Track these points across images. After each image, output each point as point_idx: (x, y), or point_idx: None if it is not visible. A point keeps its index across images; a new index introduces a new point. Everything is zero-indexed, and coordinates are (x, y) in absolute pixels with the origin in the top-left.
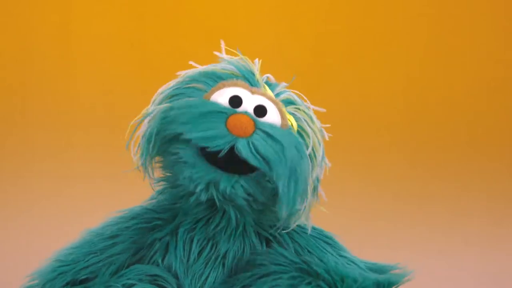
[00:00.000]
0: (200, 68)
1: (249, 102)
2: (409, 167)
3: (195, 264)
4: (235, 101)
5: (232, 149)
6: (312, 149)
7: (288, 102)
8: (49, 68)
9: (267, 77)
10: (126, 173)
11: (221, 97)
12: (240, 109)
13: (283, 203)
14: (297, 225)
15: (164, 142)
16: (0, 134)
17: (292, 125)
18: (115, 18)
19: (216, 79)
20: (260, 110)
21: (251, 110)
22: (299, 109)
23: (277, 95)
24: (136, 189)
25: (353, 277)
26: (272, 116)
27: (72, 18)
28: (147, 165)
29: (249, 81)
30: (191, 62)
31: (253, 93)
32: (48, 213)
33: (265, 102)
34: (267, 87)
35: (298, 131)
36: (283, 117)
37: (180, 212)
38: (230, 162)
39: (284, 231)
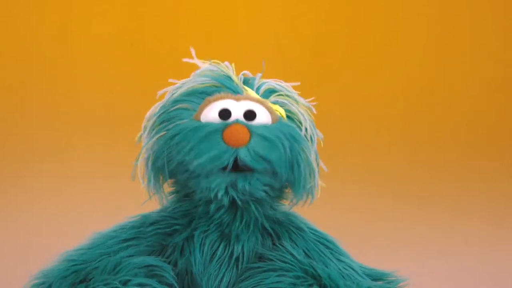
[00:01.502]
0: (180, 84)
1: (237, 110)
2: (409, 167)
3: (210, 265)
4: (224, 113)
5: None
6: (305, 129)
7: (270, 92)
8: (49, 68)
9: (243, 74)
10: (125, 173)
11: (211, 113)
12: (231, 119)
13: (296, 189)
14: (296, 228)
15: (172, 168)
16: (0, 134)
17: (281, 114)
18: (115, 18)
19: (199, 95)
20: (250, 115)
21: (241, 117)
22: (281, 94)
23: (257, 89)
24: (136, 189)
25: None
26: (262, 116)
27: (72, 18)
28: (160, 192)
29: (229, 88)
30: (170, 80)
31: (238, 100)
32: (48, 213)
33: (252, 105)
34: (247, 88)
35: (287, 116)
36: (271, 112)
37: (196, 217)
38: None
39: (286, 230)
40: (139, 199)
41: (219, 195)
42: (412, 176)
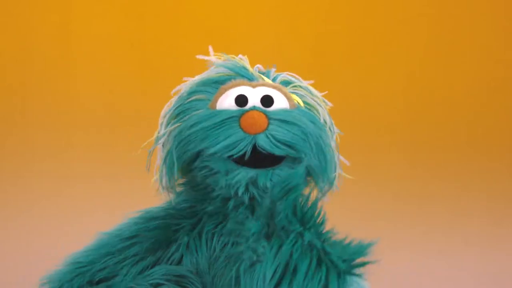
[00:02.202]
0: (195, 78)
1: (254, 96)
2: (409, 167)
3: (217, 262)
4: (241, 100)
5: (255, 145)
6: (324, 119)
7: (286, 83)
8: (49, 68)
9: (258, 68)
10: (125, 173)
11: (226, 100)
12: (248, 106)
13: (319, 177)
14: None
15: (186, 163)
16: (0, 134)
17: (298, 103)
18: (115, 18)
19: (214, 85)
20: (267, 100)
21: (258, 103)
22: (296, 86)
23: (273, 79)
24: (136, 189)
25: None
26: (280, 102)
27: (72, 18)
28: (172, 187)
29: (245, 76)
30: (185, 78)
31: (254, 86)
32: (48, 213)
33: (269, 91)
34: (264, 77)
35: (305, 107)
36: (289, 98)
37: (204, 214)
38: (258, 157)
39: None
40: (139, 199)
41: (239, 192)
42: (412, 176)
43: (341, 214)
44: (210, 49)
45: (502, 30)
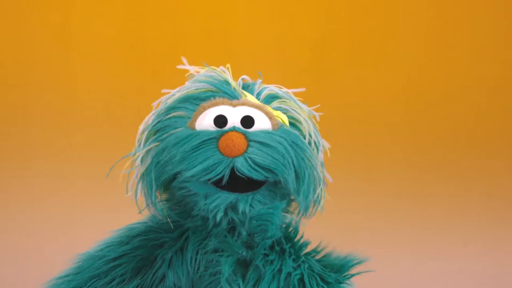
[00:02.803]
0: (174, 93)
1: (234, 116)
2: (409, 167)
3: (201, 280)
4: (220, 120)
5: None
6: (309, 135)
7: (272, 97)
8: (49, 68)
9: (243, 79)
10: (125, 173)
11: (205, 120)
12: (227, 126)
13: (300, 199)
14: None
15: (166, 182)
16: (0, 134)
17: (282, 120)
18: (115, 18)
19: (193, 102)
20: (247, 121)
21: (238, 124)
22: (284, 101)
23: (258, 94)
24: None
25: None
26: (261, 122)
27: (72, 18)
28: (153, 204)
29: (226, 92)
30: (164, 90)
31: (234, 106)
32: (48, 213)
33: (250, 111)
34: (246, 93)
35: (290, 123)
36: (271, 117)
37: (187, 230)
38: (237, 179)
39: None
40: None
41: (218, 217)
42: (412, 176)
43: (341, 214)
44: (184, 60)
45: (502, 30)
